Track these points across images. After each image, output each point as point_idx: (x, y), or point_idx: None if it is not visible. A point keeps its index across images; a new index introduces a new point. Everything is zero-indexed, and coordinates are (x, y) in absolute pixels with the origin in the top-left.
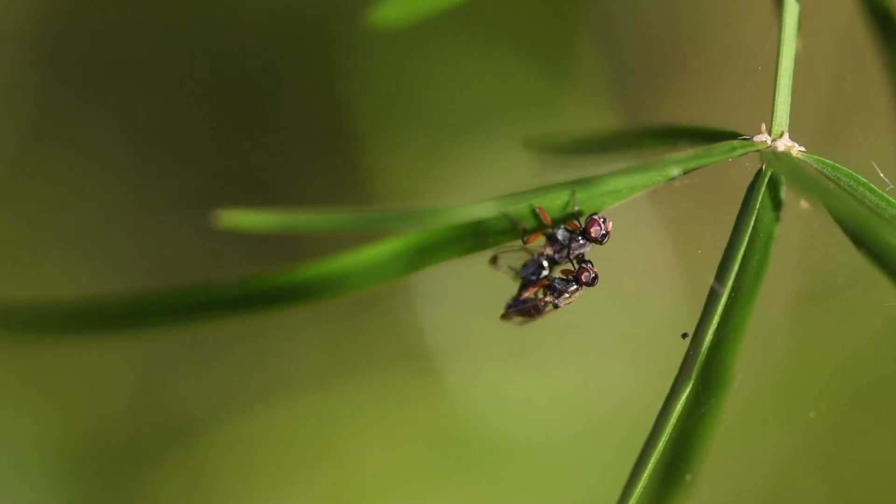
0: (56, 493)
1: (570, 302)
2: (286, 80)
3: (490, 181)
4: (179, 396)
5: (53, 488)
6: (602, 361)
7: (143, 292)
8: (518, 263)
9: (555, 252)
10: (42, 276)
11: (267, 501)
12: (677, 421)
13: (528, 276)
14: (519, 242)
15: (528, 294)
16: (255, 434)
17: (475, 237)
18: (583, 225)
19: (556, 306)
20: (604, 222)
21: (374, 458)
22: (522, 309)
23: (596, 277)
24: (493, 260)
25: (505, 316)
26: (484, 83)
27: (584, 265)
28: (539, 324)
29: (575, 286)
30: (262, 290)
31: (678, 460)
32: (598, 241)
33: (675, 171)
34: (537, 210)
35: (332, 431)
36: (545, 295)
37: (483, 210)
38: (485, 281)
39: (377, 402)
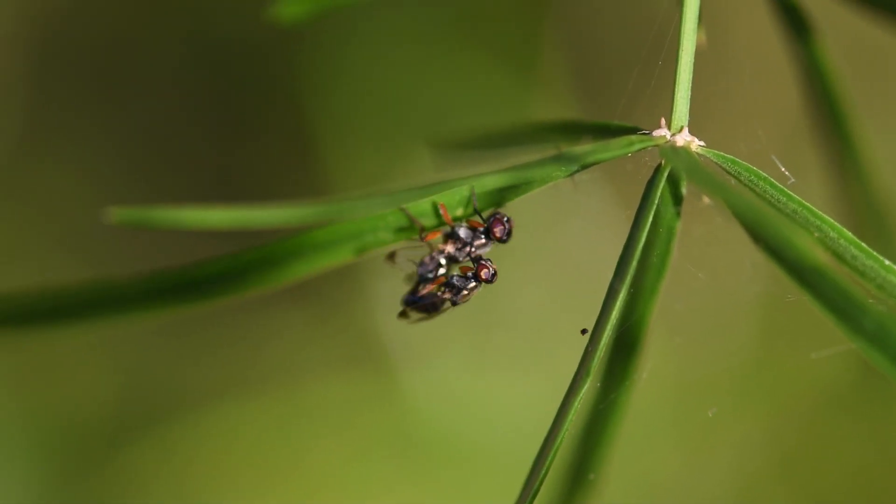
0: (34, 475)
1: (468, 299)
2: (258, 86)
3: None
4: (156, 387)
5: (31, 470)
6: (560, 362)
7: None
8: (416, 259)
9: (456, 249)
10: (33, 274)
11: (224, 491)
12: (579, 418)
13: (426, 273)
14: (416, 240)
15: (426, 291)
16: (217, 427)
17: (374, 234)
18: (485, 223)
19: (454, 303)
20: (507, 221)
21: (333, 458)
22: (421, 306)
23: (495, 274)
24: (391, 256)
25: (402, 314)
26: (449, 84)
27: (484, 262)
28: (499, 326)
29: (473, 283)
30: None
31: (582, 458)
32: (502, 239)
33: (573, 166)
34: (439, 207)
35: (291, 430)
36: (443, 292)
37: (381, 206)
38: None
39: (335, 401)
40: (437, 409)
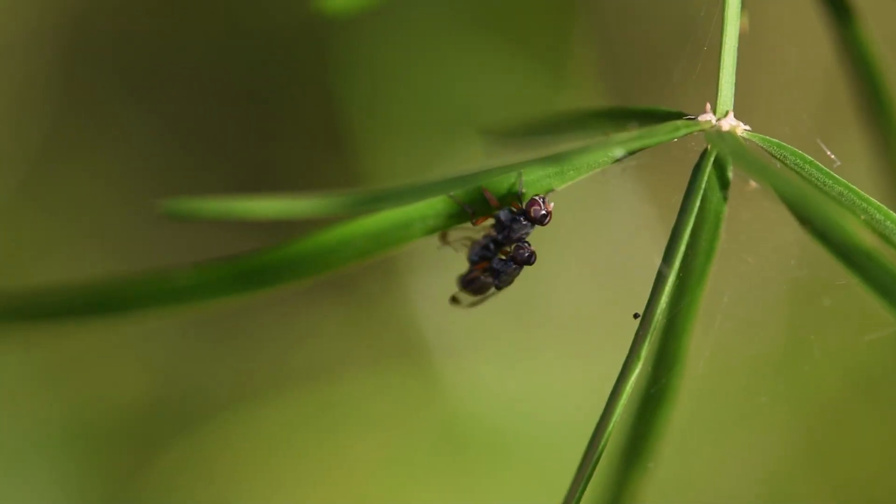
0: (70, 474)
1: (510, 282)
2: (293, 79)
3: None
4: (190, 386)
5: (68, 469)
6: (599, 355)
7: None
8: (468, 243)
9: (498, 234)
10: (67, 269)
11: (265, 493)
12: (630, 402)
13: (473, 256)
14: (468, 224)
15: (472, 275)
16: (256, 426)
17: (422, 221)
18: (526, 205)
19: (497, 287)
20: (544, 202)
21: (372, 452)
22: (469, 289)
23: (532, 255)
24: (443, 237)
25: (453, 299)
26: (478, 77)
27: (521, 244)
28: (538, 318)
29: (514, 266)
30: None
31: (635, 442)
32: (539, 221)
33: (619, 152)
34: (484, 192)
35: (331, 425)
36: (487, 276)
37: (429, 193)
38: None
39: (376, 397)
40: (479, 403)
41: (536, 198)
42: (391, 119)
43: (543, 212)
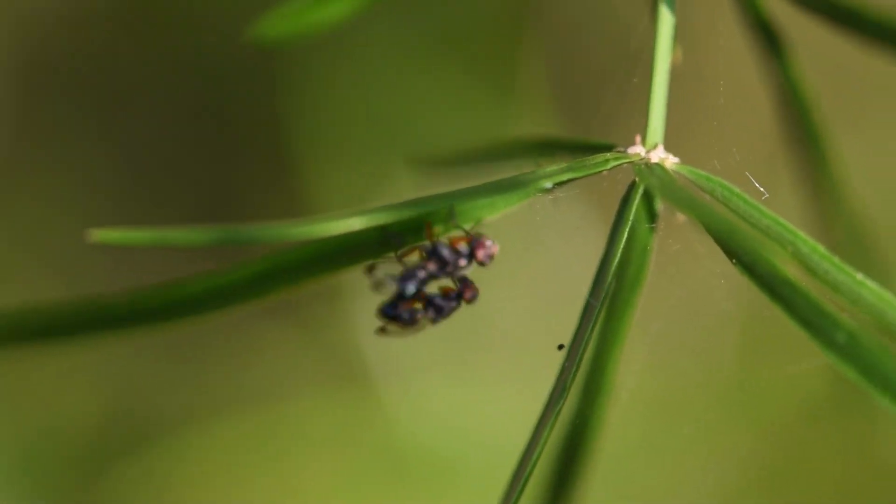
0: (19, 496)
1: (447, 317)
2: (242, 105)
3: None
4: (139, 408)
5: (17, 490)
6: (540, 376)
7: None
8: (395, 274)
9: (437, 269)
10: (18, 294)
11: None
12: (558, 431)
13: (405, 289)
14: (395, 257)
15: (405, 307)
16: (205, 448)
17: (355, 252)
18: (469, 244)
19: (434, 321)
20: (490, 246)
21: (317, 477)
22: (399, 321)
23: (477, 294)
24: (370, 269)
25: (382, 329)
26: (429, 102)
27: (466, 282)
28: (479, 341)
29: (455, 304)
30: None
31: (560, 474)
32: (483, 263)
33: (547, 183)
34: (425, 226)
35: (274, 449)
36: (425, 310)
37: (359, 223)
38: None
39: (321, 422)
40: (420, 425)
41: (484, 241)
42: (339, 142)
43: (490, 254)
